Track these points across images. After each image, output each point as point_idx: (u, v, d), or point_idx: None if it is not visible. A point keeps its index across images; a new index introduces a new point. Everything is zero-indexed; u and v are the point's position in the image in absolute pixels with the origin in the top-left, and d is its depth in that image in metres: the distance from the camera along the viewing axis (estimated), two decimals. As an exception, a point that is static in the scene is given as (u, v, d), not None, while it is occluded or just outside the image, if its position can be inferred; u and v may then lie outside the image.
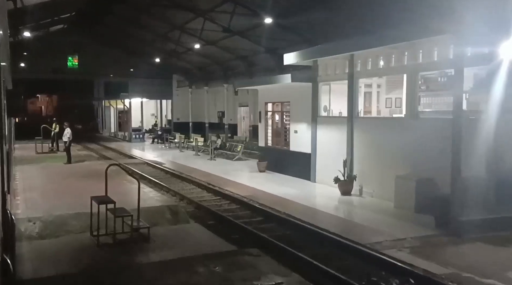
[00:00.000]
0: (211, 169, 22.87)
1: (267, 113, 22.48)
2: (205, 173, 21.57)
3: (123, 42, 40.11)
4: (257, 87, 22.55)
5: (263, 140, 22.77)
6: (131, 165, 24.79)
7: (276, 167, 21.19)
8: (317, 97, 18.17)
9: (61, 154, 28.15)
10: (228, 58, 31.74)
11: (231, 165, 24.97)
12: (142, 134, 43.02)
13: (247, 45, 27.06)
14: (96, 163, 24.51)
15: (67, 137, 24.07)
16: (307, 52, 16.96)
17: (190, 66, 38.64)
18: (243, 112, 38.83)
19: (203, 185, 18.37)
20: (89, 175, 19.00)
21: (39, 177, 18.60)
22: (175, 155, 30.76)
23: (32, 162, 24.36)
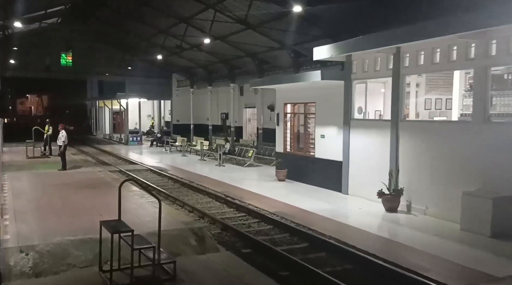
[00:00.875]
0: (223, 177, 20.60)
1: (286, 115, 20.22)
2: (217, 182, 19.28)
3: (120, 38, 37.58)
4: (276, 86, 20.27)
5: (281, 146, 20.49)
6: (133, 171, 22.51)
7: (297, 176, 18.97)
8: (351, 98, 15.94)
9: (55, 158, 25.74)
10: (236, 56, 29.39)
11: (244, 172, 22.69)
12: (140, 137, 40.60)
13: (261, 40, 24.76)
14: (94, 169, 22.11)
15: (62, 141, 21.70)
16: (343, 45, 14.68)
17: (193, 65, 36.23)
18: (249, 114, 36.54)
19: (220, 197, 16.06)
20: (88, 185, 16.66)
21: (31, 187, 16.20)
22: (179, 160, 28.42)
23: (23, 168, 21.95)
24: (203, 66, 35.76)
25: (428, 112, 16.72)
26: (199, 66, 36.17)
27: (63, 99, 63.64)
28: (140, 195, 14.53)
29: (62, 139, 21.63)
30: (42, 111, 77.21)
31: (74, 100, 60.66)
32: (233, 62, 31.33)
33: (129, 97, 40.75)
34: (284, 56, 25.78)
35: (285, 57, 25.70)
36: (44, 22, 33.17)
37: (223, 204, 15.23)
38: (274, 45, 24.91)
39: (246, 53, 28.25)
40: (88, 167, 23.10)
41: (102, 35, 38.31)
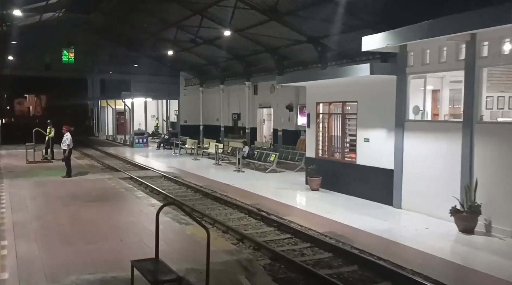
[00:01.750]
0: (246, 185, 18.36)
1: (319, 116, 17.96)
2: (243, 192, 17.04)
3: (125, 33, 35.24)
4: (307, 83, 18.03)
5: (312, 150, 18.23)
6: (146, 178, 20.29)
7: (333, 185, 16.74)
8: (405, 95, 13.68)
9: (57, 163, 23.53)
10: (254, 51, 27.06)
11: (268, 179, 20.44)
12: (146, 139, 38.32)
13: (285, 33, 22.51)
14: (102, 176, 19.83)
15: (66, 145, 19.40)
16: (405, 32, 12.37)
17: (204, 62, 33.88)
18: (263, 114, 34.27)
19: (253, 211, 13.83)
20: (99, 197, 14.43)
21: (33, 200, 13.95)
22: (191, 164, 26.18)
23: (23, 174, 19.74)
24: (216, 63, 33.44)
25: (489, 112, 14.46)
26: (210, 63, 33.84)
27: (63, 99, 61.16)
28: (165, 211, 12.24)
29: (66, 142, 19.37)
30: (41, 111, 74.80)
31: (74, 100, 58.21)
32: (250, 58, 29.02)
33: (134, 96, 38.46)
34: (309, 51, 23.54)
35: (310, 52, 23.47)
36: (44, 16, 30.89)
37: (259, 221, 12.97)
38: (299, 38, 22.62)
39: (265, 48, 25.96)
40: (95, 173, 20.85)
41: (106, 31, 35.98)
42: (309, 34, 22.08)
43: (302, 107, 28.47)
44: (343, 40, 21.31)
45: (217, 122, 40.28)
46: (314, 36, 21.99)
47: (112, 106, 44.70)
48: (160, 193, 16.89)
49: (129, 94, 38.68)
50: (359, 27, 19.21)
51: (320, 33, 21.66)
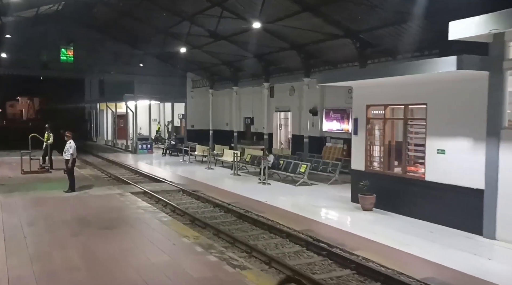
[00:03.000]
0: (283, 203, 15.60)
1: (370, 121, 15.15)
2: (283, 212, 14.26)
3: (130, 29, 32.21)
4: (355, 82, 15.22)
5: (361, 162, 15.42)
6: (162, 193, 17.46)
7: (391, 204, 13.97)
8: (502, 96, 10.92)
9: (57, 174, 20.71)
10: (278, 48, 24.16)
11: (303, 195, 17.65)
12: (150, 145, 35.39)
13: (317, 26, 19.71)
14: (111, 191, 16.95)
15: (70, 154, 16.51)
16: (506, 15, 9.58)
17: (216, 61, 30.97)
18: (280, 119, 31.47)
19: (310, 242, 10.99)
20: (115, 222, 11.62)
21: (32, 227, 11.09)
22: (207, 175, 23.31)
23: (17, 188, 16.89)
24: (229, 62, 30.55)
25: None
26: (223, 63, 30.95)
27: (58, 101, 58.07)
28: (204, 245, 9.47)
29: (70, 151, 16.52)
30: (34, 114, 71.62)
31: (70, 102, 55.21)
32: (270, 57, 26.18)
33: (138, 99, 35.53)
34: (344, 47, 20.81)
35: (345, 49, 20.74)
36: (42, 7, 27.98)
37: (325, 259, 10.09)
38: (335, 31, 19.81)
39: (291, 44, 23.13)
40: (101, 187, 17.97)
41: (109, 26, 32.98)
42: (347, 27, 19.30)
43: (328, 111, 25.73)
44: (385, 35, 18.60)
45: (226, 127, 37.54)
46: (353, 29, 19.23)
47: (113, 109, 41.70)
48: (184, 213, 14.02)
49: (133, 96, 35.71)
50: (404, 19, 16.54)
51: (360, 26, 18.92)
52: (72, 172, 16.77)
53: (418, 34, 17.33)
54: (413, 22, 16.51)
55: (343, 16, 18.70)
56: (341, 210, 14.90)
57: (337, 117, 24.93)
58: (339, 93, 24.49)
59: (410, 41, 17.79)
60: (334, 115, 25.10)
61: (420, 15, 15.96)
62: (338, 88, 24.45)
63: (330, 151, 25.11)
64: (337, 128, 24.95)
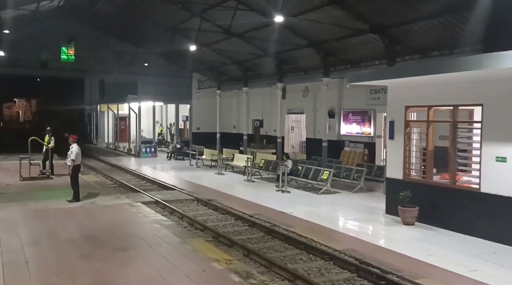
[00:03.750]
0: (310, 215, 14.16)
1: (408, 124, 13.62)
2: (314, 227, 12.76)
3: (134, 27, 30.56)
4: (392, 82, 13.66)
5: (398, 169, 13.89)
6: (175, 203, 15.96)
7: (436, 218, 12.52)
8: None
9: (59, 180, 19.26)
10: (291, 46, 22.58)
11: (329, 205, 16.17)
12: (154, 148, 33.83)
13: (342, 19, 18.17)
14: (119, 200, 15.41)
15: (71, 159, 14.98)
16: None
17: (226, 60, 29.35)
18: (292, 121, 29.93)
19: (358, 266, 9.37)
20: (130, 240, 10.13)
21: (35, 248, 9.55)
22: (219, 181, 21.81)
23: (16, 197, 15.39)
24: (239, 61, 28.96)
25: None
26: (233, 62, 29.35)
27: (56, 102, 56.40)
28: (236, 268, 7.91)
29: (71, 156, 14.94)
30: (31, 116, 69.93)
31: (68, 103, 53.61)
32: (285, 55, 24.61)
33: (142, 100, 33.97)
34: (369, 44, 19.31)
35: (369, 45, 19.24)
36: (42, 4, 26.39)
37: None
38: (360, 26, 18.24)
39: (309, 41, 21.56)
40: (108, 195, 16.41)
41: (112, 25, 31.35)
42: (374, 22, 17.76)
43: (346, 113, 24.21)
44: (418, 30, 17.12)
45: (233, 130, 36.01)
46: (380, 24, 17.71)
47: (114, 110, 40.11)
48: (205, 228, 12.44)
49: (136, 97, 34.14)
50: (441, 12, 15.07)
51: (389, 20, 17.40)
52: (76, 180, 15.23)
53: (457, 29, 15.84)
54: (453, 15, 15.00)
55: (370, 9, 17.17)
56: (379, 224, 13.41)
57: (356, 119, 23.42)
58: (359, 94, 23.00)
59: (448, 37, 16.32)
60: (354, 117, 23.59)
61: (461, 7, 14.48)
62: (358, 89, 22.93)
63: (349, 155, 23.59)
64: (356, 132, 23.42)
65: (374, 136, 22.45)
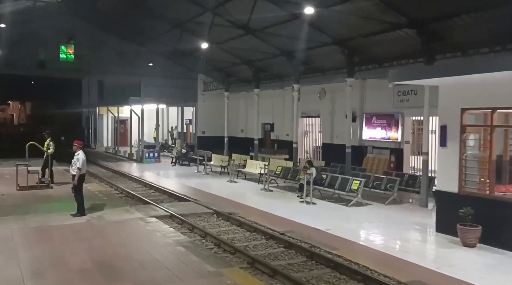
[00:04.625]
0: (351, 233, 12.50)
1: (465, 129, 11.88)
2: (363, 249, 11.07)
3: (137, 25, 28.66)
4: (446, 80, 11.87)
5: (452, 181, 12.16)
6: (193, 217, 14.24)
7: (504, 240, 10.73)
8: None
9: (59, 189, 17.37)
10: (314, 44, 20.76)
11: (364, 220, 14.49)
12: (158, 153, 31.99)
13: (373, 13, 16.43)
14: (130, 214, 13.60)
15: (77, 168, 13.21)
16: None
17: (235, 60, 27.51)
18: (305, 125, 28.17)
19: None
20: (151, 270, 8.33)
21: (36, 282, 7.64)
22: (233, 190, 20.06)
23: (12, 211, 13.61)
24: (251, 61, 27.15)
25: None
26: (244, 62, 27.54)
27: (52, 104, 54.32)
28: None
29: (78, 164, 13.15)
30: (25, 119, 67.91)
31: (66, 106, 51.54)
32: (303, 54, 22.83)
33: (145, 102, 32.14)
34: (400, 41, 17.56)
35: (401, 42, 17.50)
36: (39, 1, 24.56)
37: None
38: (392, 20, 16.48)
39: (333, 38, 19.80)
40: (116, 207, 14.61)
41: (115, 23, 29.46)
42: (412, 15, 16.02)
43: (369, 117, 22.47)
44: (459, 25, 15.42)
45: (241, 134, 34.23)
46: (420, 18, 15.98)
47: (115, 113, 38.21)
48: (235, 250, 10.65)
49: (139, 99, 32.31)
50: (487, 4, 13.41)
51: (428, 14, 15.70)
52: (81, 191, 13.43)
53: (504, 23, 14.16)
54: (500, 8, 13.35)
55: (408, 1, 15.44)
56: (435, 245, 11.69)
57: (381, 123, 21.68)
58: (385, 96, 21.30)
59: (491, 33, 14.65)
60: (378, 121, 21.85)
61: None
62: (383, 91, 21.26)
63: (373, 162, 21.84)
64: (381, 137, 21.67)
65: (402, 142, 20.69)
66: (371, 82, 21.66)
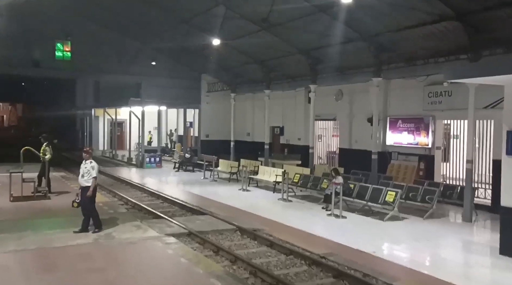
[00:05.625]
0: (402, 256, 10.89)
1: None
2: (426, 279, 9.16)
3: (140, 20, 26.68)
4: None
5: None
6: (213, 234, 12.58)
7: None
8: None
9: (58, 200, 15.50)
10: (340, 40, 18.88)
11: (408, 238, 12.89)
12: (159, 158, 30.12)
13: (411, 4, 14.73)
14: (146, 234, 11.73)
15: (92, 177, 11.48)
16: None
17: (246, 59, 25.62)
18: (318, 128, 26.38)
19: None
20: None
21: None
22: (248, 200, 18.38)
23: (7, 228, 11.94)
24: (262, 61, 25.32)
25: None
26: (255, 61, 25.67)
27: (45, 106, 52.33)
28: None
29: (92, 173, 11.45)
30: (16, 121, 65.77)
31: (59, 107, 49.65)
32: (320, 52, 21.06)
33: (146, 104, 30.26)
34: (439, 36, 15.83)
35: (442, 37, 15.78)
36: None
37: None
38: (435, 11, 14.72)
39: (361, 35, 18.04)
40: (125, 223, 12.78)
41: (116, 18, 27.50)
42: (457, 7, 14.28)
43: (394, 120, 20.75)
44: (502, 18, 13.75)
45: (247, 138, 32.42)
46: (465, 9, 14.26)
47: (112, 115, 36.32)
48: (277, 281, 8.82)
49: (139, 101, 30.41)
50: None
51: (473, 5, 14.00)
52: (93, 203, 11.66)
53: None
54: None
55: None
56: (508, 272, 9.88)
57: (408, 127, 19.93)
58: (413, 98, 19.59)
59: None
60: (405, 125, 20.09)
61: None
62: (410, 91, 19.61)
63: (399, 170, 20.10)
64: (408, 142, 19.91)
65: (433, 148, 18.96)
66: (397, 83, 19.92)
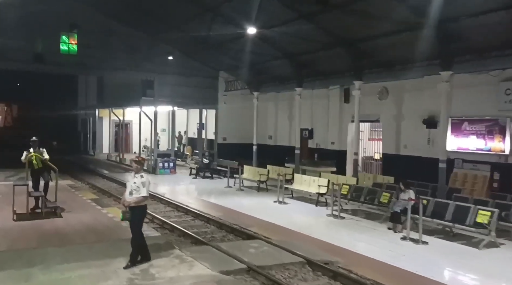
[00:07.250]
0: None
1: None
2: None
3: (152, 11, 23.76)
4: None
5: None
6: (277, 269, 9.65)
7: None
8: None
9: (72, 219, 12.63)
10: (394, 28, 16.09)
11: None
12: (174, 163, 27.27)
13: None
14: (193, 270, 8.99)
15: (143, 195, 8.66)
16: None
17: (275, 52, 22.61)
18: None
19: None
20: None
21: None
22: (291, 215, 15.84)
23: (9, 263, 9.09)
24: (293, 55, 22.38)
25: None
26: (285, 56, 22.73)
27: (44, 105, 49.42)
28: None
29: (143, 191, 8.67)
30: (11, 121, 62.83)
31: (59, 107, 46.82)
32: (367, 44, 18.25)
33: (159, 103, 27.41)
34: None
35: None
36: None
37: None
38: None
39: (426, 18, 15.03)
40: (161, 251, 9.95)
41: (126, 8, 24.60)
42: None
43: (458, 122, 17.93)
44: None
45: (269, 141, 29.62)
46: None
47: (119, 116, 33.44)
48: None
49: (152, 100, 27.53)
50: None
51: None
52: (140, 227, 8.87)
53: None
54: None
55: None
56: None
57: (477, 131, 17.09)
58: (484, 96, 16.80)
59: None
60: (472, 127, 17.26)
61: None
62: (481, 88, 16.80)
63: (465, 180, 17.29)
64: (477, 148, 17.07)
65: (511, 155, 16.16)
66: (461, 78, 17.00)
